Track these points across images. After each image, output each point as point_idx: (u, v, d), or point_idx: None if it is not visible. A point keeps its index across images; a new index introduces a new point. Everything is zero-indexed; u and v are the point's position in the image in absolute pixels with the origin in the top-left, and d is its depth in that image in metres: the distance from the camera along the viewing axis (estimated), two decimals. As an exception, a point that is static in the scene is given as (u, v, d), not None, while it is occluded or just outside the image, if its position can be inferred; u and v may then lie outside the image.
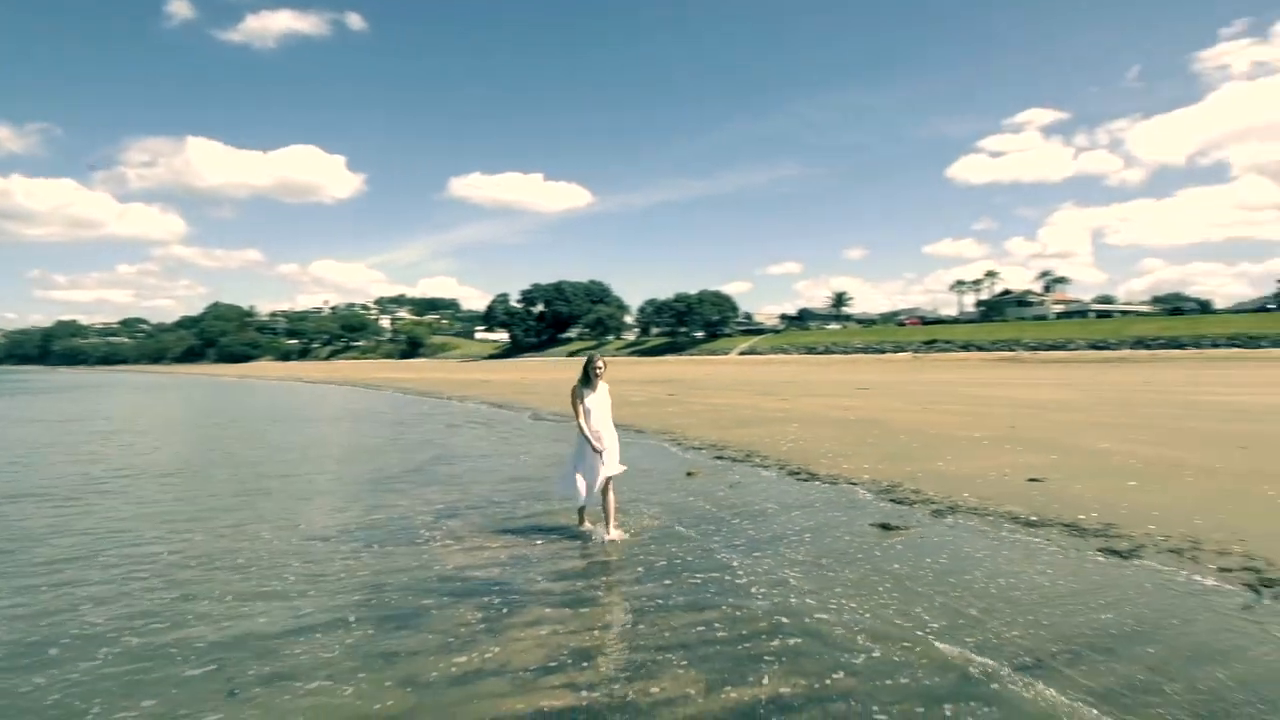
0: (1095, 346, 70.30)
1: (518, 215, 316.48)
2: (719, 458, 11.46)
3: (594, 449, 6.71)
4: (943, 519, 6.99)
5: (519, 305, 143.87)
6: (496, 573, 5.92)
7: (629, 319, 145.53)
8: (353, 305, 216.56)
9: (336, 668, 4.19)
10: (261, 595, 5.45)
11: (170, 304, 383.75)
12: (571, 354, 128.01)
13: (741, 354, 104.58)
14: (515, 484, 9.91)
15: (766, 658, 4.22)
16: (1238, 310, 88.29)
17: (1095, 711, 3.45)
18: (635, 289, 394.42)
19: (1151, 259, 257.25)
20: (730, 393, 26.53)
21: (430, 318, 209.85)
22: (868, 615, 4.74)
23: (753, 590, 5.33)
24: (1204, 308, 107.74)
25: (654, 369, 63.93)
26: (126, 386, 56.97)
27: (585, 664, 4.28)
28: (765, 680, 3.93)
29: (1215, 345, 62.88)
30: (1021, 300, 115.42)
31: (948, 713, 3.50)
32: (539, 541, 6.80)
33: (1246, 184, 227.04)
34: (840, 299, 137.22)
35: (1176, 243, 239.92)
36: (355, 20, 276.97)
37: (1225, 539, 5.92)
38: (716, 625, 4.72)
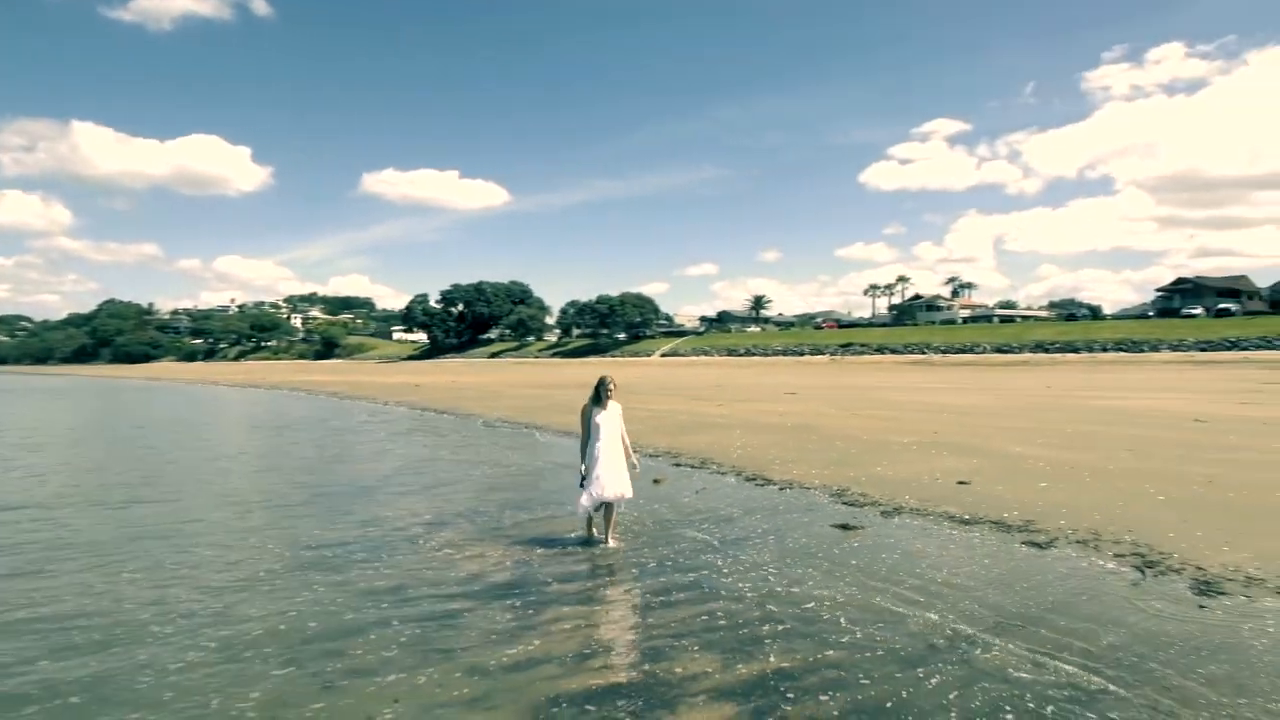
0: (1000, 350, 74.90)
1: (433, 213, 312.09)
2: (677, 464, 12.41)
3: (581, 472, 7.41)
4: (891, 519, 8.13)
5: (438, 306, 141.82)
6: (509, 577, 6.65)
7: (549, 320, 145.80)
8: (262, 304, 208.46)
9: (403, 663, 4.87)
10: (301, 602, 6.01)
11: (55, 300, 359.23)
12: (493, 355, 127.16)
13: (664, 355, 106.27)
14: (493, 494, 10.57)
15: (765, 640, 5.14)
16: (1123, 316, 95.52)
17: (1030, 663, 4.53)
18: (553, 288, 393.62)
19: (1047, 265, 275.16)
20: (666, 398, 27.59)
21: (344, 317, 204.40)
22: (844, 601, 5.74)
23: (740, 585, 6.25)
24: (1094, 313, 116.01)
25: (582, 371, 64.63)
26: (19, 392, 53.60)
27: (615, 650, 5.12)
28: (770, 657, 4.84)
29: (1104, 349, 68.08)
30: (931, 305, 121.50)
31: (920, 674, 4.50)
32: (537, 550, 7.53)
33: (1128, 197, 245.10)
34: (759, 302, 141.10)
35: (1069, 250, 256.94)
36: (260, 5, 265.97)
37: (1118, 530, 7.23)
38: (717, 614, 5.61)
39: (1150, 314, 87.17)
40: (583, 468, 7.36)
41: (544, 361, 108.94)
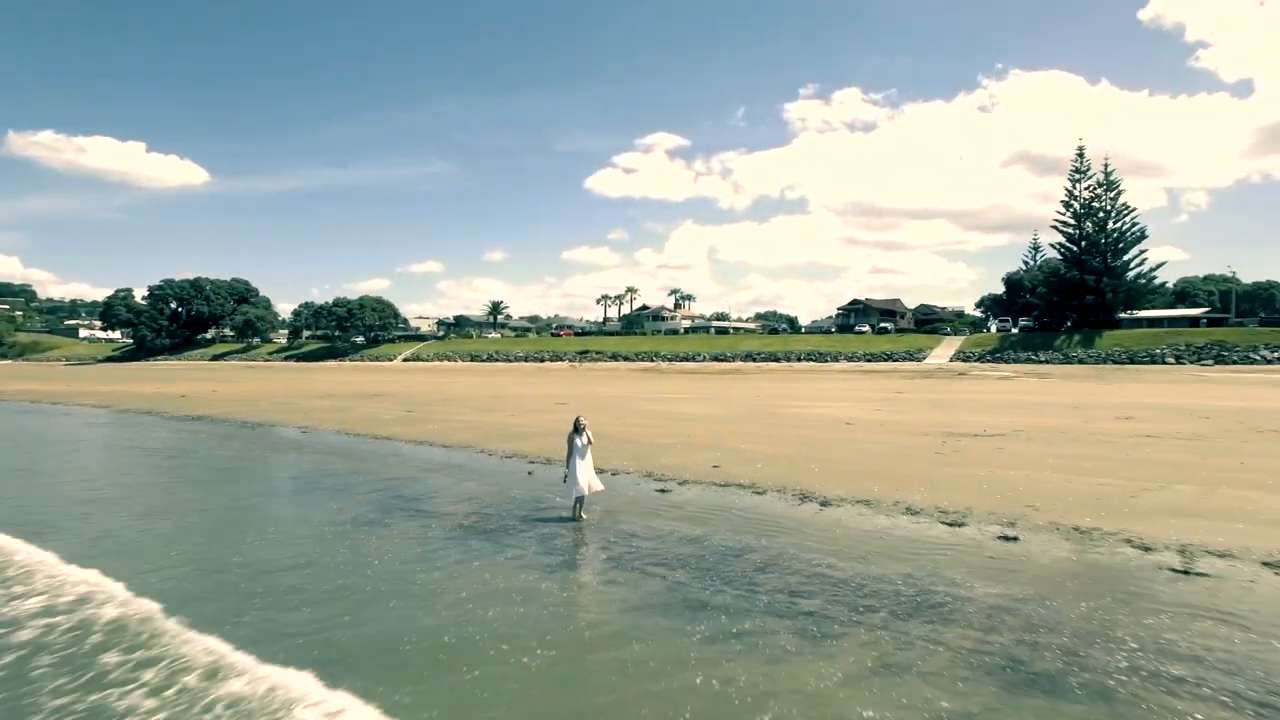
0: (717, 359, 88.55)
1: (113, 189, 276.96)
2: (532, 462, 18.24)
3: (565, 473, 12.86)
4: (685, 486, 14.93)
5: (144, 302, 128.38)
6: (497, 523, 12.20)
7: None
8: None
9: (526, 572, 10.40)
10: (381, 555, 11.14)
11: None
12: (214, 357, 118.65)
13: (406, 360, 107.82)
14: (389, 484, 15.63)
15: (632, 543, 11.38)
16: (813, 330, 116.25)
17: (737, 540, 11.32)
18: (264, 281, 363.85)
19: (755, 274, 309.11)
20: (467, 410, 32.63)
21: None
22: (668, 528, 12.22)
23: (619, 523, 12.46)
24: (793, 325, 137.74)
25: (342, 377, 65.46)
26: None
27: (580, 556, 11.10)
28: (639, 548, 11.12)
29: (799, 359, 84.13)
30: (657, 315, 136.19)
31: (701, 550, 11.08)
32: (489, 513, 13.08)
33: (819, 217, 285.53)
34: (496, 307, 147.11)
35: (772, 262, 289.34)
36: None
37: (794, 485, 14.61)
38: (610, 536, 11.77)
39: (832, 330, 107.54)
40: (565, 472, 12.82)
41: (283, 366, 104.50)
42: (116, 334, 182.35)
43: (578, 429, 12.83)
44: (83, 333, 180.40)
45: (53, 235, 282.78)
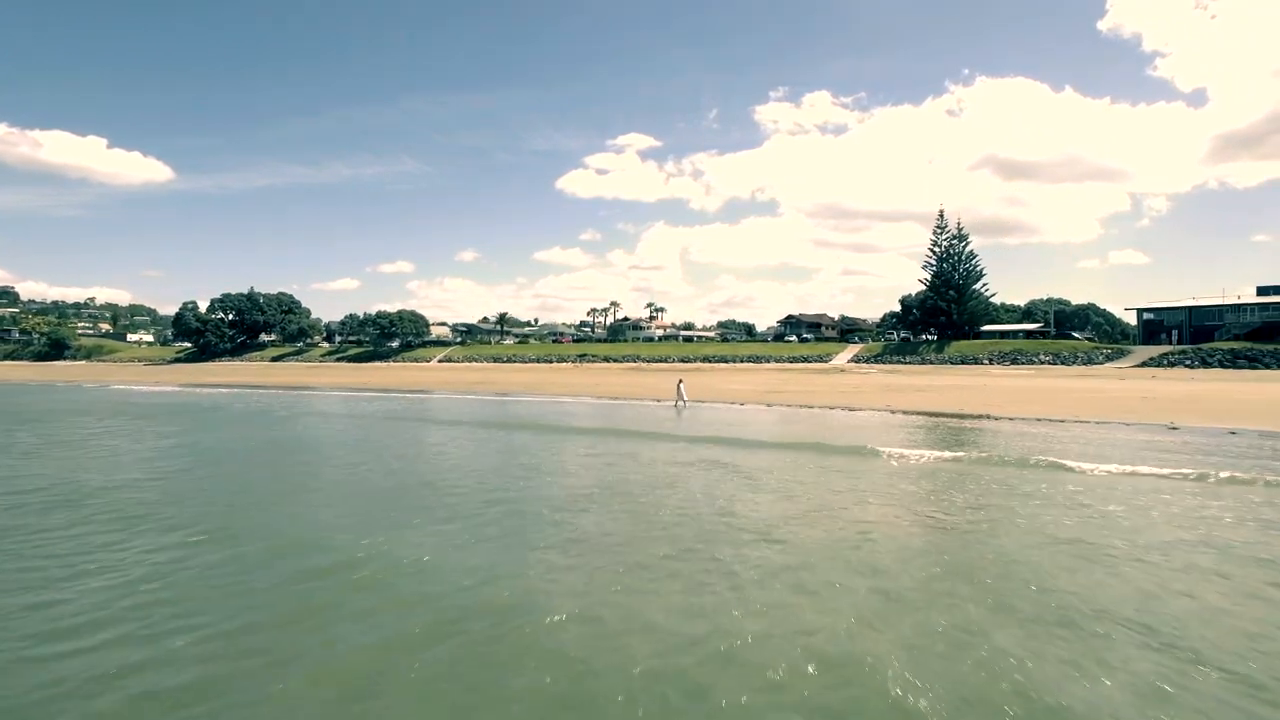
0: (683, 360, 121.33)
1: (72, 185, 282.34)
2: (611, 399, 50.48)
3: (679, 396, 44.89)
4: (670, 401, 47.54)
5: (206, 311, 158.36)
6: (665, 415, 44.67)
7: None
8: None
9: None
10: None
11: None
12: (274, 359, 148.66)
13: (441, 361, 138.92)
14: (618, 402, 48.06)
15: (686, 407, 43.99)
16: (758, 338, 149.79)
17: (701, 406, 44.02)
18: (231, 279, 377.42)
19: (726, 275, 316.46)
20: (543, 388, 64.60)
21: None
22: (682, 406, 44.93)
23: (670, 408, 44.93)
24: (749, 331, 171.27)
25: (422, 375, 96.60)
26: None
27: (683, 410, 43.81)
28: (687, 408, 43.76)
29: (742, 361, 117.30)
30: (636, 325, 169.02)
31: (691, 407, 43.79)
32: (664, 409, 45.51)
33: (790, 219, 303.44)
34: (503, 318, 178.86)
35: (744, 264, 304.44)
36: None
37: (701, 398, 47.20)
38: (659, 417, 44.36)
39: (769, 338, 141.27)
40: (678, 395, 44.79)
41: (347, 366, 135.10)
42: (150, 337, 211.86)
43: (680, 384, 45.10)
44: (129, 337, 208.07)
45: (5, 232, 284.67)
